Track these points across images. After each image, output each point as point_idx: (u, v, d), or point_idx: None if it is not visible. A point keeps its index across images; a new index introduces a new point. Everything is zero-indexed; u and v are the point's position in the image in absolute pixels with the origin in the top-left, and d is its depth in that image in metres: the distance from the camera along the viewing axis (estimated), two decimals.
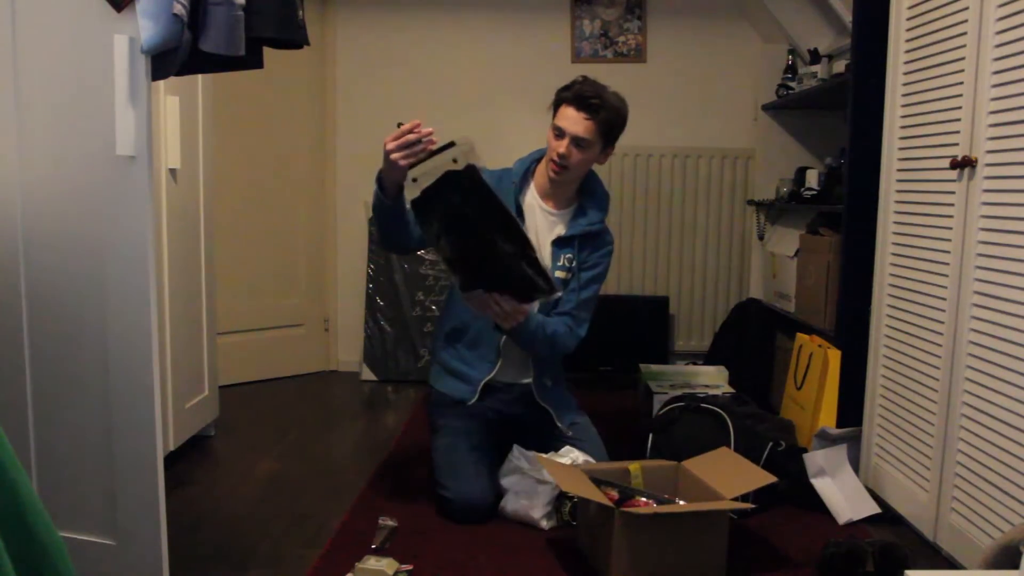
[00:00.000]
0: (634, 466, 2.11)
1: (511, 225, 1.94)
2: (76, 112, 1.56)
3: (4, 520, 1.00)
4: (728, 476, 2.00)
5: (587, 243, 2.35)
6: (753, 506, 2.07)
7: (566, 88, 2.28)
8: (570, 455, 2.22)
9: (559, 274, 2.32)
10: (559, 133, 2.25)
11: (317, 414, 3.31)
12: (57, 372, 1.65)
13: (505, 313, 2.06)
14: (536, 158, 2.41)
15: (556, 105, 2.30)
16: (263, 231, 3.68)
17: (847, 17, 2.98)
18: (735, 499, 1.91)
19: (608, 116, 2.23)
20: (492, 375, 2.32)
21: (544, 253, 2.32)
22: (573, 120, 2.22)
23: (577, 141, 2.23)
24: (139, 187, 1.53)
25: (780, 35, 3.64)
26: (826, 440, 2.43)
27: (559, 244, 2.34)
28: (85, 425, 1.64)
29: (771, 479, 2.00)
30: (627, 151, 3.79)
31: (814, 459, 2.33)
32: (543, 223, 2.36)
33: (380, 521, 2.10)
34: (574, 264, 2.34)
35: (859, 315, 2.42)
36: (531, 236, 2.19)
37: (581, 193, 2.39)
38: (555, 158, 2.25)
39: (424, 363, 3.73)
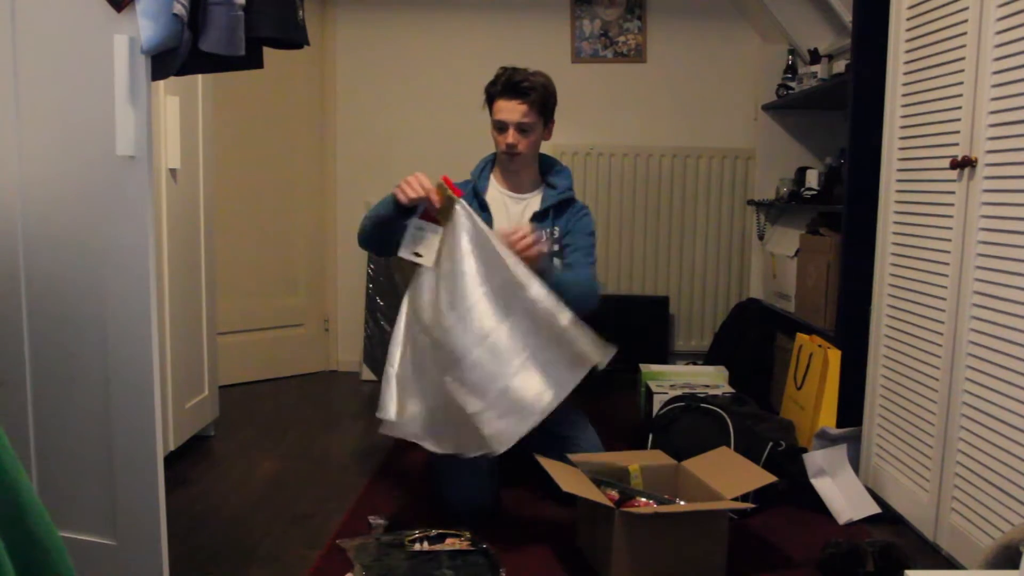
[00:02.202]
0: (634, 466, 2.11)
1: None
2: (76, 112, 1.56)
3: (4, 520, 1.00)
4: (728, 476, 2.00)
5: (563, 210, 2.43)
6: (753, 506, 2.07)
7: (492, 83, 2.37)
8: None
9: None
10: (501, 127, 2.34)
11: (317, 414, 3.31)
12: (57, 372, 1.65)
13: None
14: (491, 158, 2.50)
15: (489, 102, 2.39)
16: (263, 231, 3.68)
17: (847, 17, 2.97)
18: (735, 499, 1.91)
19: (539, 95, 2.33)
20: None
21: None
22: (509, 110, 2.31)
23: (519, 127, 2.32)
24: (139, 187, 1.53)
25: (780, 35, 3.63)
26: (826, 440, 2.43)
27: (537, 219, 2.39)
28: (85, 425, 1.64)
29: (771, 479, 2.00)
30: (627, 151, 3.79)
31: (814, 459, 2.33)
32: (515, 208, 2.44)
33: (371, 520, 2.10)
34: (556, 235, 2.40)
35: (859, 315, 2.41)
36: (505, 225, 2.31)
37: (543, 174, 2.49)
38: (505, 149, 2.35)
39: None
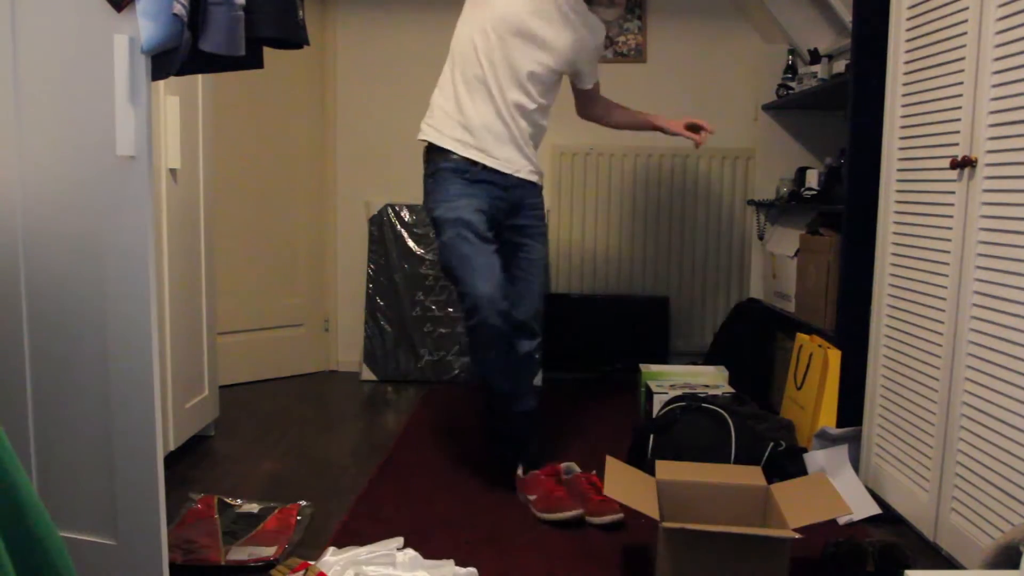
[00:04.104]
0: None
1: None
2: (76, 112, 1.56)
3: (4, 520, 1.00)
4: (803, 504, 1.86)
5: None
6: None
7: None
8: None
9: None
10: None
11: (317, 414, 3.31)
12: (57, 372, 1.65)
13: None
14: None
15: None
16: (263, 231, 3.68)
17: (847, 17, 2.97)
18: (796, 530, 1.74)
19: None
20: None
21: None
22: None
23: None
24: (139, 187, 1.53)
25: (780, 35, 3.63)
26: (826, 440, 2.43)
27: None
28: (85, 425, 1.64)
29: (846, 511, 1.84)
30: (627, 151, 3.80)
31: (814, 459, 2.33)
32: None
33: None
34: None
35: (859, 315, 2.42)
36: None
37: None
38: None
39: (424, 363, 3.73)
